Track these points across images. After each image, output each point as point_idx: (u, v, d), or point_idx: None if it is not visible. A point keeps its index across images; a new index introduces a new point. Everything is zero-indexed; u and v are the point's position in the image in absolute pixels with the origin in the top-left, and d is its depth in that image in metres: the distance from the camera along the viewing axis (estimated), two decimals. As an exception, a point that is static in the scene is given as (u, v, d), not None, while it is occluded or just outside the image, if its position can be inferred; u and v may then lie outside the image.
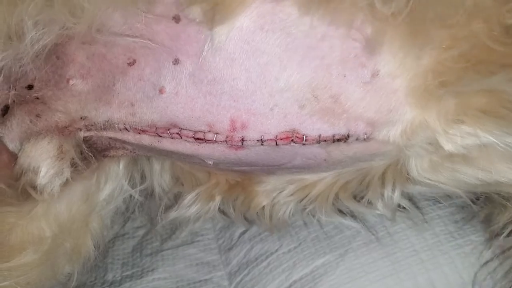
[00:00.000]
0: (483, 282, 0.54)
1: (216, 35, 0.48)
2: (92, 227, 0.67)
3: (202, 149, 0.52)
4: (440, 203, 0.61)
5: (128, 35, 0.51)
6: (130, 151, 0.63)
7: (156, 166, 0.70)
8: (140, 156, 0.68)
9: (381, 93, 0.48)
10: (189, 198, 0.64)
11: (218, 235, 0.71)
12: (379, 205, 0.58)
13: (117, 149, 0.63)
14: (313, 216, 0.62)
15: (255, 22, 0.48)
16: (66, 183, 0.60)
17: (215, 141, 0.50)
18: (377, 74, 0.47)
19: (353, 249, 0.59)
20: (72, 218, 0.64)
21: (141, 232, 0.74)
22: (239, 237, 0.68)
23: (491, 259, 0.55)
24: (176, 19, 0.49)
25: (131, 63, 0.51)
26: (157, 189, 0.71)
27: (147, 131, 0.52)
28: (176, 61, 0.49)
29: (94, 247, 0.67)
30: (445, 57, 0.44)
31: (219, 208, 0.69)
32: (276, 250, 0.63)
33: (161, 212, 0.67)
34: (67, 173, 0.55)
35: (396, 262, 0.56)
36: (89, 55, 0.53)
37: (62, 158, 0.55)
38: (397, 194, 0.56)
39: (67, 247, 0.61)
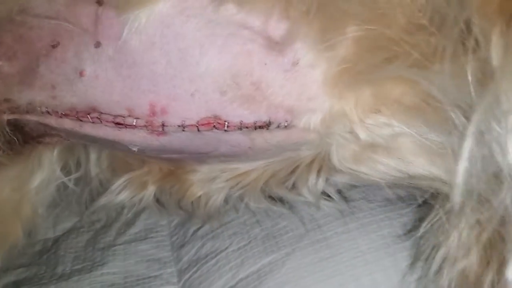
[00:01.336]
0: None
1: (136, 19, 0.47)
2: (23, 214, 0.65)
3: (123, 135, 0.51)
4: (391, 204, 0.61)
5: (51, 18, 0.50)
6: (64, 138, 0.62)
7: (93, 155, 0.69)
8: (76, 144, 0.67)
9: (301, 81, 0.48)
10: (118, 183, 0.63)
11: (172, 231, 0.70)
12: (304, 191, 0.58)
13: (51, 135, 0.61)
14: (242, 201, 0.62)
15: (176, 6, 0.47)
16: (-6, 168, 0.59)
17: (135, 126, 0.49)
18: (297, 63, 0.47)
19: (300, 248, 0.58)
20: (0, 204, 0.62)
21: (97, 226, 0.72)
22: (192, 234, 0.67)
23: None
24: (99, 2, 0.48)
25: (55, 45, 0.50)
26: (94, 178, 0.69)
27: (68, 115, 0.51)
28: (97, 44, 0.49)
29: (24, 234, 0.65)
30: (359, 47, 0.44)
31: (157, 200, 0.67)
32: (226, 248, 0.62)
33: (87, 199, 0.65)
34: (-12, 154, 0.54)
35: (341, 263, 0.55)
36: (16, 37, 0.52)
37: (-18, 140, 0.53)
38: (321, 181, 0.57)
39: (-9, 232, 0.59)
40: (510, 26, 0.35)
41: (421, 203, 0.58)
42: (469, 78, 0.36)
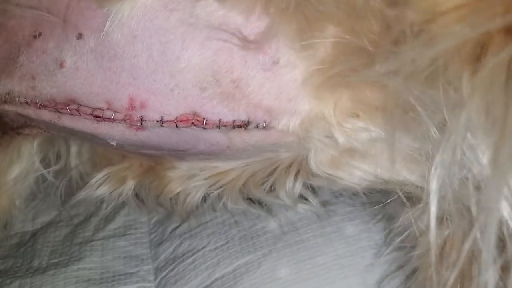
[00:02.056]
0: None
1: (118, 11, 0.47)
2: (0, 205, 0.64)
3: (101, 128, 0.51)
4: (367, 209, 0.61)
5: (33, 8, 0.50)
6: (44, 130, 0.61)
7: (74, 147, 0.68)
8: (57, 137, 0.66)
9: (281, 81, 0.47)
10: (97, 178, 0.63)
11: (151, 229, 0.70)
12: (282, 193, 0.58)
13: (31, 127, 0.61)
14: (220, 199, 0.61)
15: (159, 0, 0.47)
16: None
17: (114, 120, 0.49)
18: (278, 62, 0.47)
19: (277, 249, 0.59)
20: (-23, 195, 0.62)
21: (76, 220, 0.72)
22: (171, 232, 0.67)
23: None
24: (83, -8, 0.48)
25: (37, 36, 0.50)
26: (73, 171, 0.68)
27: (47, 106, 0.51)
28: (79, 36, 0.49)
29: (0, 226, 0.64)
30: (338, 50, 0.44)
31: (137, 195, 0.67)
32: (203, 247, 0.62)
33: (66, 192, 0.65)
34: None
35: (317, 266, 0.56)
36: (-2, 26, 0.51)
37: (-41, 130, 0.53)
38: (298, 185, 0.56)
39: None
40: (476, 71, 0.35)
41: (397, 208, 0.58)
42: (441, 91, 0.36)
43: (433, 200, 0.38)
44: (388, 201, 0.51)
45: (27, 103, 0.52)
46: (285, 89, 0.48)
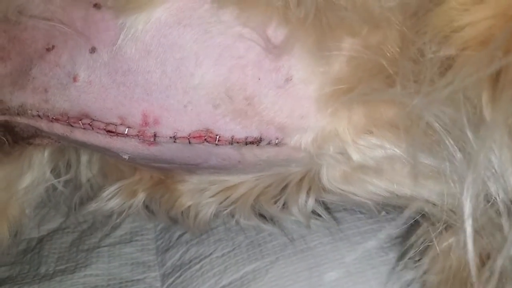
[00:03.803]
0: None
1: (132, 25, 0.47)
2: (10, 214, 0.65)
3: (114, 143, 0.51)
4: (376, 217, 0.61)
5: (47, 19, 0.49)
6: (55, 140, 0.61)
7: (84, 157, 0.68)
8: (67, 146, 0.66)
9: (293, 98, 0.47)
10: (109, 191, 0.63)
11: (158, 236, 0.69)
12: (294, 210, 0.57)
13: (42, 137, 0.61)
14: (233, 217, 0.61)
15: (174, 15, 0.47)
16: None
17: (127, 135, 0.49)
18: (291, 79, 0.47)
19: (284, 257, 0.58)
20: (-12, 204, 0.62)
21: (83, 227, 0.72)
22: (177, 239, 0.66)
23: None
24: (96, 6, 0.48)
25: (50, 49, 0.50)
26: (84, 181, 0.69)
27: (59, 120, 0.51)
28: (92, 50, 0.48)
29: (10, 235, 0.64)
30: (353, 65, 0.44)
31: (147, 206, 0.67)
32: (210, 254, 0.62)
33: (76, 202, 0.65)
34: (-23, 155, 0.53)
35: (324, 273, 0.56)
36: (10, 38, 0.52)
37: (-29, 140, 0.53)
38: (311, 201, 0.56)
39: (-23, 232, 0.59)
40: (495, 89, 0.35)
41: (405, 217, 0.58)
42: (462, 110, 0.36)
43: (468, 221, 0.38)
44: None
45: (39, 116, 0.52)
46: (298, 106, 0.48)
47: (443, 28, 0.38)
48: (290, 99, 0.47)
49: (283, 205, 0.60)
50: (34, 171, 0.66)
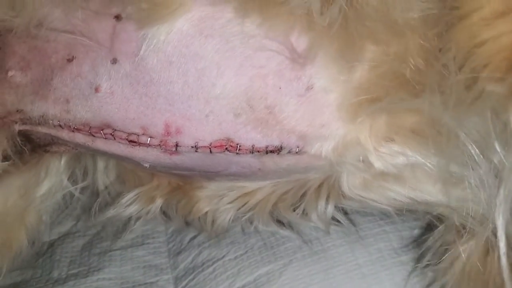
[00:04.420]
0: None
1: (154, 35, 0.47)
2: (28, 222, 0.65)
3: (136, 152, 0.51)
4: (388, 218, 0.61)
5: (68, 32, 0.50)
6: (72, 148, 0.62)
7: (101, 164, 0.69)
8: (84, 153, 0.67)
9: (314, 107, 0.48)
10: (127, 197, 0.63)
11: (169, 238, 0.70)
12: (314, 217, 0.58)
13: (59, 145, 0.61)
14: (251, 223, 0.61)
15: (195, 26, 0.47)
16: (2, 176, 0.59)
17: (149, 145, 0.50)
18: (312, 88, 0.47)
19: (298, 259, 0.59)
20: (6, 211, 0.63)
21: (93, 231, 0.72)
22: (189, 241, 0.67)
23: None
24: (118, 18, 0.49)
25: (70, 59, 0.50)
26: (101, 188, 0.69)
27: (81, 130, 0.51)
28: (114, 60, 0.49)
29: (28, 243, 0.65)
30: (375, 74, 0.45)
31: (163, 212, 0.67)
32: (223, 257, 0.62)
33: (96, 209, 0.65)
34: (-3, 164, 0.54)
35: (338, 275, 0.56)
36: (31, 48, 0.52)
37: (-7, 149, 0.53)
38: (330, 207, 0.57)
39: (-4, 240, 0.59)
40: None
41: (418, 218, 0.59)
42: (489, 122, 0.36)
43: (502, 237, 0.39)
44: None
45: (60, 126, 0.53)
46: (319, 115, 0.48)
47: (466, 44, 0.39)
48: (311, 107, 0.48)
49: (302, 211, 0.60)
50: (52, 179, 0.66)
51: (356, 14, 0.43)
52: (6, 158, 0.56)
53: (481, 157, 0.40)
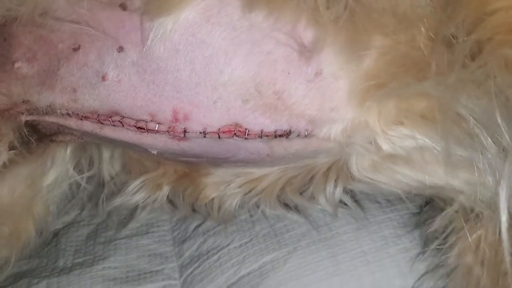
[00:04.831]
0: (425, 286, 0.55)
1: (161, 25, 0.47)
2: (35, 212, 0.66)
3: (144, 139, 0.51)
4: (392, 205, 0.61)
5: (73, 21, 0.49)
6: (78, 137, 0.62)
7: (106, 153, 0.69)
8: (89, 143, 0.67)
9: (323, 92, 0.48)
10: (134, 185, 0.64)
11: (174, 227, 0.70)
12: (322, 200, 0.58)
13: (64, 134, 0.61)
14: (258, 207, 0.62)
15: (202, 14, 0.47)
16: (9, 166, 0.59)
17: (157, 131, 0.50)
18: (321, 73, 0.47)
19: (302, 247, 0.59)
20: (14, 201, 0.63)
21: (97, 220, 0.72)
22: (194, 230, 0.67)
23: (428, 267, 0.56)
24: (123, 6, 0.48)
25: (76, 49, 0.50)
26: (106, 177, 0.69)
27: (89, 118, 0.51)
28: (120, 49, 0.49)
29: (36, 233, 0.65)
30: (384, 60, 0.45)
31: (169, 199, 0.67)
32: (228, 245, 0.63)
33: (103, 198, 0.65)
34: (4, 155, 0.54)
35: (343, 263, 0.57)
36: (36, 38, 0.51)
37: (-1, 141, 0.53)
38: (338, 190, 0.57)
39: (5, 231, 0.60)
40: None
41: (422, 205, 0.60)
42: (494, 100, 0.37)
43: (504, 211, 0.40)
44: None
45: (68, 114, 0.53)
46: (328, 99, 0.49)
47: (475, 10, 0.39)
48: (320, 92, 0.48)
49: (310, 195, 0.60)
50: (58, 168, 0.67)
51: (362, 7, 0.43)
52: (12, 149, 0.56)
53: (489, 140, 0.41)
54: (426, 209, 0.59)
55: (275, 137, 0.49)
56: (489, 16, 0.39)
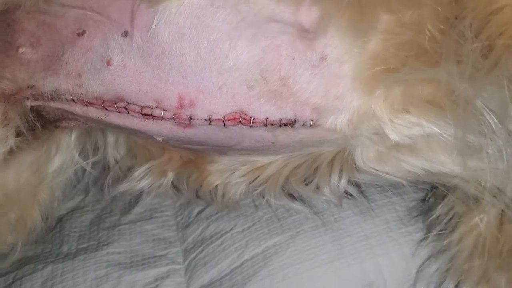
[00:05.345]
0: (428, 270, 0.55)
1: (166, 8, 0.47)
2: (41, 198, 0.66)
3: (149, 125, 0.51)
4: (394, 189, 0.61)
5: (77, 7, 0.49)
6: (83, 123, 0.62)
7: (111, 138, 0.69)
8: (94, 128, 0.67)
9: (328, 78, 0.47)
10: (139, 171, 0.64)
11: (177, 212, 0.70)
12: (326, 191, 0.58)
13: (69, 120, 0.61)
14: (263, 197, 0.62)
15: (206, -3, 0.46)
16: (15, 152, 0.59)
17: (163, 118, 0.50)
18: (325, 58, 0.47)
19: (305, 231, 0.59)
20: (19, 188, 0.63)
21: (101, 205, 0.73)
22: (197, 215, 0.67)
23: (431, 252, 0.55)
24: (128, -9, 0.48)
25: (81, 34, 0.50)
26: (111, 162, 0.69)
27: (94, 104, 0.51)
28: (125, 34, 0.48)
29: (42, 219, 0.65)
30: (390, 44, 0.44)
31: (174, 185, 0.67)
32: (231, 229, 0.63)
33: (109, 183, 0.65)
34: (11, 140, 0.54)
35: (345, 246, 0.57)
36: (40, 23, 0.51)
37: (6, 125, 0.54)
38: (343, 181, 0.57)
39: (11, 217, 0.60)
40: None
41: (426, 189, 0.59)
42: (506, 91, 0.36)
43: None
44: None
45: (73, 100, 0.52)
46: (333, 86, 0.48)
47: (482, 10, 0.38)
48: (325, 78, 0.47)
49: (311, 183, 0.60)
50: (63, 154, 0.67)
51: None
52: (19, 134, 0.56)
53: (499, 126, 0.40)
54: (430, 195, 0.59)
55: (280, 125, 0.49)
56: (494, 15, 0.38)
